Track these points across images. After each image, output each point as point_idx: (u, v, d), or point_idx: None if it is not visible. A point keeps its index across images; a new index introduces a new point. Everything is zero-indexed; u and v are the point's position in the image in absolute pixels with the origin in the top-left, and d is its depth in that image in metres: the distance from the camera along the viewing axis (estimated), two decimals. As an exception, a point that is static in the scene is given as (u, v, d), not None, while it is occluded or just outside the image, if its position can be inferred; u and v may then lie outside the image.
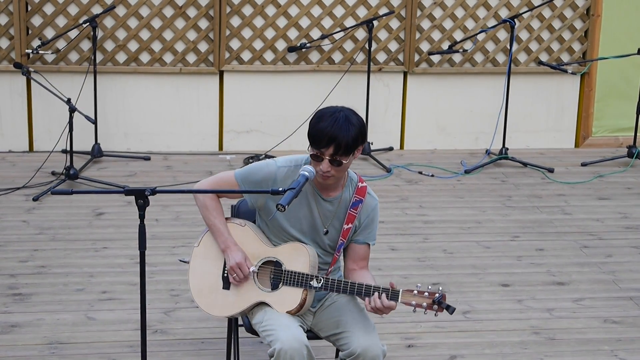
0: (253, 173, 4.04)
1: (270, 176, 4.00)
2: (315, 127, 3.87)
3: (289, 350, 3.82)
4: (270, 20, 7.87)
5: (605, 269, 5.99)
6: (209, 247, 4.13)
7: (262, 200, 4.06)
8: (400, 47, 8.06)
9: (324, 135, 3.84)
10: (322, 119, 3.87)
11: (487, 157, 7.97)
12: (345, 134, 3.84)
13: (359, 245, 4.12)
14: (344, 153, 3.86)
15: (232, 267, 4.02)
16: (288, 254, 4.02)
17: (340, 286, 3.95)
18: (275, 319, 3.95)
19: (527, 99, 8.27)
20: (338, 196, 4.05)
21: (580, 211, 6.97)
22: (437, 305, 3.85)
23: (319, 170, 3.89)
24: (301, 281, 3.97)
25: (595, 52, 8.22)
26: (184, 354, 4.82)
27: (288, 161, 4.05)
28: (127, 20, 7.73)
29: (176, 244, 6.12)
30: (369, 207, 4.09)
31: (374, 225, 4.13)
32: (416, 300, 3.87)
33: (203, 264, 4.13)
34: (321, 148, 3.86)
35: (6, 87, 7.72)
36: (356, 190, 4.07)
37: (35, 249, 6.02)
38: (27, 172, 7.26)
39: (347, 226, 4.05)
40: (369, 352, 3.92)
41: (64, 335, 4.95)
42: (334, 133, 3.83)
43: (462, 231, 6.53)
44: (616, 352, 4.97)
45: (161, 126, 7.95)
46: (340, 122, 3.85)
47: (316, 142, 3.86)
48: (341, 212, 4.06)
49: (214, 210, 4.10)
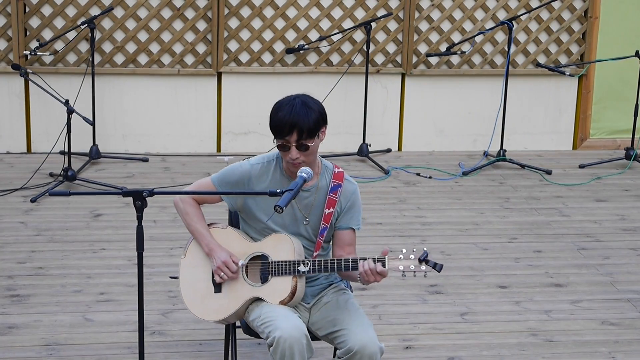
0: (229, 175, 4.11)
1: (245, 175, 4.08)
2: (275, 118, 3.96)
3: (288, 339, 3.82)
4: (268, 22, 7.88)
5: (603, 270, 5.99)
6: (195, 255, 4.17)
7: (240, 201, 4.12)
8: (398, 48, 8.06)
9: (284, 124, 3.92)
10: (280, 109, 3.95)
11: (485, 159, 7.98)
12: (305, 117, 3.93)
13: (343, 231, 4.15)
14: (308, 136, 3.94)
15: (219, 267, 4.05)
16: (272, 245, 4.06)
17: (328, 265, 3.99)
18: (272, 311, 3.97)
19: (525, 101, 8.28)
20: (314, 185, 4.09)
21: (578, 213, 6.98)
22: (425, 263, 3.90)
23: (289, 159, 3.96)
24: (289, 268, 4.01)
25: (593, 54, 8.23)
26: (182, 355, 4.82)
27: (260, 158, 4.14)
28: (125, 21, 7.73)
29: (174, 246, 6.12)
30: (348, 192, 4.12)
31: (355, 209, 4.15)
32: (403, 264, 3.91)
33: (192, 272, 4.17)
34: (285, 136, 3.93)
35: (4, 89, 7.72)
36: (333, 175, 4.12)
37: (33, 250, 6.02)
38: (25, 173, 7.25)
39: (328, 211, 4.08)
40: (367, 349, 3.92)
41: (62, 336, 4.94)
42: (294, 119, 3.92)
43: (459, 233, 6.53)
44: (614, 354, 4.97)
45: (159, 128, 7.95)
46: (297, 108, 3.94)
47: (279, 132, 3.94)
48: (320, 200, 4.09)
49: (194, 216, 4.17)
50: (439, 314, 5.32)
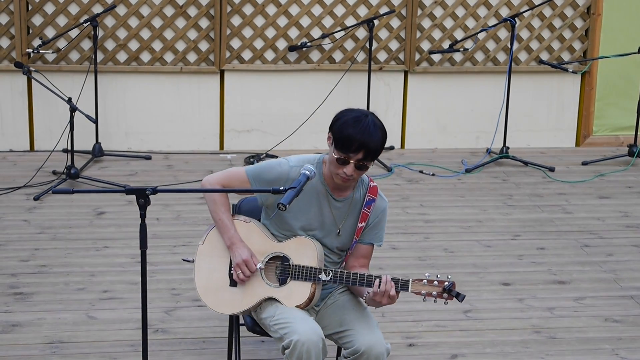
0: (265, 171, 4.03)
1: (282, 176, 3.99)
2: (345, 133, 3.86)
3: (306, 342, 3.80)
4: (270, 20, 7.87)
5: (606, 267, 5.99)
6: (214, 244, 4.11)
7: (272, 199, 4.03)
8: (400, 46, 8.06)
9: (354, 141, 3.84)
10: (352, 125, 3.86)
11: (487, 156, 7.97)
12: (376, 140, 3.88)
13: (364, 245, 4.13)
14: (372, 158, 3.90)
15: (238, 264, 4.01)
16: (295, 248, 4.02)
17: (350, 278, 3.95)
18: (288, 312, 3.94)
19: (528, 98, 8.27)
20: (349, 196, 4.05)
21: (581, 210, 6.97)
22: (447, 293, 3.85)
23: (342, 173, 3.89)
24: (310, 275, 3.97)
25: (596, 51, 8.22)
26: (185, 353, 4.82)
27: (301, 161, 4.02)
28: (127, 19, 7.73)
29: (177, 243, 6.12)
30: (379, 209, 4.10)
31: (381, 226, 4.13)
32: (426, 289, 3.87)
33: (209, 261, 4.12)
34: (350, 153, 3.86)
35: (7, 87, 7.72)
36: (368, 189, 4.08)
37: (36, 248, 6.02)
38: (28, 171, 7.26)
39: (360, 225, 4.05)
40: (373, 350, 3.91)
41: (65, 334, 4.95)
42: (365, 140, 3.85)
43: (463, 230, 6.53)
44: (617, 351, 4.97)
45: (162, 125, 7.95)
46: (370, 129, 3.87)
47: (346, 147, 3.85)
48: (353, 212, 4.06)
49: (222, 206, 4.09)
50: (442, 312, 5.32)
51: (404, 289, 3.87)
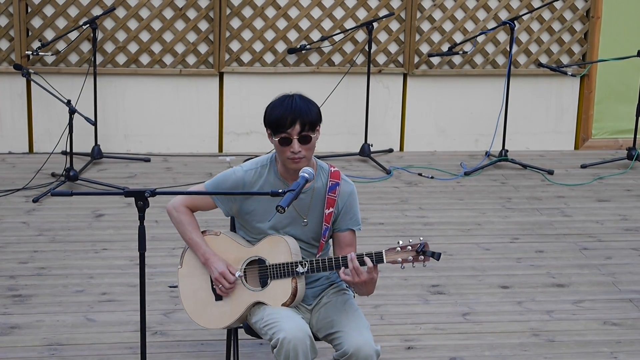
0: (222, 182, 4.10)
1: (238, 181, 4.06)
2: (274, 113, 3.96)
3: (292, 340, 3.81)
4: (270, 22, 7.88)
5: (605, 270, 5.99)
6: (192, 264, 4.16)
7: (235, 206, 4.11)
8: (400, 49, 8.06)
9: (286, 116, 3.92)
10: (279, 105, 3.96)
11: (486, 159, 7.97)
12: (307, 110, 3.95)
13: (343, 233, 4.14)
14: (310, 128, 3.94)
15: (217, 278, 4.05)
16: (268, 248, 4.05)
17: (326, 264, 3.97)
18: (276, 312, 3.96)
19: (527, 101, 8.28)
20: (310, 187, 4.07)
21: (580, 213, 6.97)
22: (422, 254, 3.87)
23: (289, 154, 3.94)
24: (287, 270, 4.00)
25: (595, 54, 8.23)
26: (184, 355, 4.82)
27: (254, 164, 4.12)
28: (127, 21, 7.73)
29: (176, 246, 6.12)
30: (346, 193, 4.11)
31: (354, 210, 4.14)
32: (401, 256, 3.89)
33: (191, 282, 4.16)
34: (287, 129, 3.92)
35: (6, 89, 7.73)
36: (330, 175, 4.10)
37: (35, 251, 6.02)
38: (27, 173, 7.26)
39: (328, 211, 4.06)
40: (362, 352, 3.91)
41: (64, 336, 4.94)
42: (296, 111, 3.92)
43: (461, 233, 6.53)
44: (616, 354, 4.97)
45: (161, 128, 7.95)
46: (297, 102, 3.96)
47: (280, 125, 3.93)
48: (317, 201, 4.07)
49: (189, 225, 4.16)
50: (440, 314, 5.32)
51: (379, 261, 3.89)
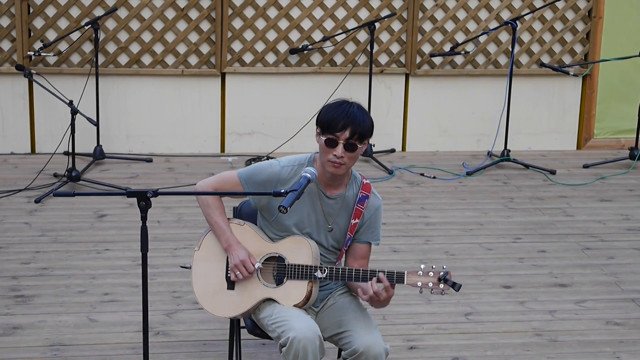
0: (257, 173, 4.05)
1: (274, 176, 4.01)
2: (329, 114, 3.94)
3: (302, 339, 3.81)
4: (272, 22, 7.88)
5: (607, 270, 5.99)
6: (210, 249, 4.13)
7: (265, 200, 4.06)
8: (402, 49, 8.06)
9: (339, 120, 3.90)
10: (336, 108, 3.95)
11: (488, 159, 7.97)
12: (361, 120, 3.93)
13: (361, 244, 4.13)
14: (359, 138, 3.92)
15: (237, 265, 4.02)
16: (290, 247, 4.03)
17: (345, 274, 3.96)
18: (286, 311, 3.96)
19: (529, 101, 8.27)
20: (342, 194, 4.06)
21: (582, 213, 6.97)
22: (443, 282, 3.87)
23: (332, 157, 3.91)
24: (305, 273, 3.98)
25: (597, 54, 8.22)
26: (186, 355, 4.82)
27: (291, 161, 4.07)
28: (129, 22, 7.73)
29: (178, 246, 6.12)
30: (372, 207, 4.10)
31: (377, 225, 4.14)
32: (422, 280, 3.89)
33: (205, 266, 4.13)
34: (336, 132, 3.90)
35: (8, 89, 7.73)
36: (361, 186, 4.09)
37: (37, 251, 6.02)
38: (29, 174, 7.26)
39: (354, 221, 4.06)
40: (372, 350, 3.91)
41: (66, 337, 4.95)
42: (350, 118, 3.91)
43: (464, 233, 6.53)
44: (618, 354, 4.97)
45: (163, 128, 7.95)
46: (354, 110, 3.95)
47: (332, 126, 3.90)
48: (345, 209, 4.06)
49: (216, 209, 4.10)
50: (443, 314, 5.32)
51: (399, 282, 3.90)
